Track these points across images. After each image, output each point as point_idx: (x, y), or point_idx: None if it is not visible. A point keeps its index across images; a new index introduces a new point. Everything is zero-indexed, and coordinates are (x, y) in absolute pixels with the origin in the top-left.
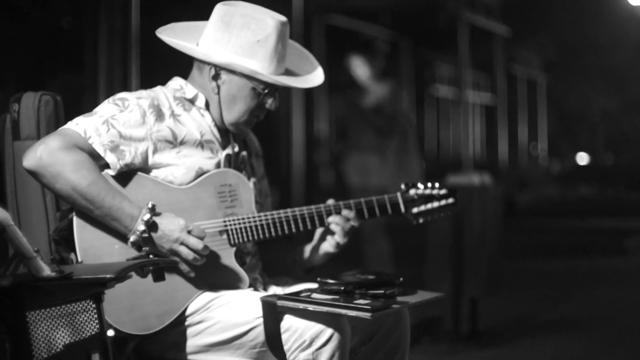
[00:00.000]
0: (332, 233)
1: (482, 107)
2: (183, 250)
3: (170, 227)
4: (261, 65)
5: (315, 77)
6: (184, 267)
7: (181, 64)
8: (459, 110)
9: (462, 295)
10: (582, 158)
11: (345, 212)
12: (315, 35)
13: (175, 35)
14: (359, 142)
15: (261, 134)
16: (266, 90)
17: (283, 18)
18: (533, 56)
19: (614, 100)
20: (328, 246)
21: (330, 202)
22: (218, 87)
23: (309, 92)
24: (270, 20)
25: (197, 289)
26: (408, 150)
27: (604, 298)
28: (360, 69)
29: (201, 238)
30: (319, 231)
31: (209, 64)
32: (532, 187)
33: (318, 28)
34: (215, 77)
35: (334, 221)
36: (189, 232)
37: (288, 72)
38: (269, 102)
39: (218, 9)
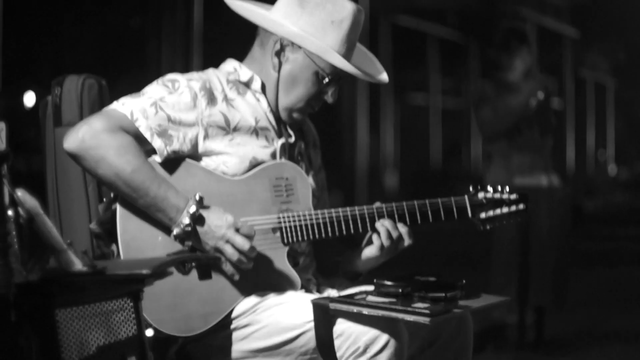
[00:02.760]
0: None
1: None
2: (228, 249)
3: (217, 223)
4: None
5: (381, 77)
6: (227, 267)
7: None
8: None
9: (528, 304)
10: None
11: (399, 225)
12: (382, 36)
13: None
14: (522, 142)
15: (324, 136)
16: (330, 77)
17: (359, 6)
18: (602, 60)
19: None
20: (371, 250)
21: (387, 204)
22: (280, 64)
23: (374, 95)
24: (348, 3)
25: (245, 290)
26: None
27: None
28: (521, 60)
29: (250, 237)
30: (367, 235)
31: (275, 36)
32: (599, 193)
33: (384, 28)
34: (279, 53)
35: (380, 224)
36: (237, 230)
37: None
38: (330, 92)
39: None
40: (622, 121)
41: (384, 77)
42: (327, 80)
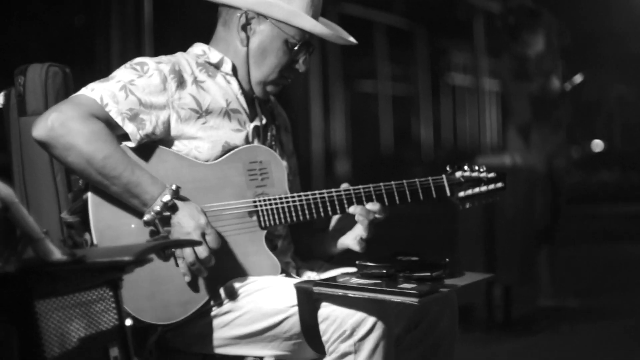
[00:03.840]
0: (354, 224)
1: (499, 95)
2: (186, 250)
3: (187, 220)
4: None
5: (351, 39)
6: (181, 265)
7: None
8: (475, 98)
9: (495, 283)
10: (598, 145)
11: (369, 205)
12: None
13: None
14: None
15: None
16: (300, 44)
17: None
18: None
19: (631, 87)
20: (349, 242)
21: (364, 186)
22: (247, 38)
23: (326, 82)
24: None
25: (224, 275)
26: None
27: (636, 285)
28: (542, 35)
29: (213, 248)
30: (335, 218)
31: (239, 10)
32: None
33: (331, 17)
34: (245, 26)
35: (356, 212)
36: (204, 235)
37: None
38: (301, 60)
39: None
40: (570, 103)
41: (353, 39)
42: (297, 47)
